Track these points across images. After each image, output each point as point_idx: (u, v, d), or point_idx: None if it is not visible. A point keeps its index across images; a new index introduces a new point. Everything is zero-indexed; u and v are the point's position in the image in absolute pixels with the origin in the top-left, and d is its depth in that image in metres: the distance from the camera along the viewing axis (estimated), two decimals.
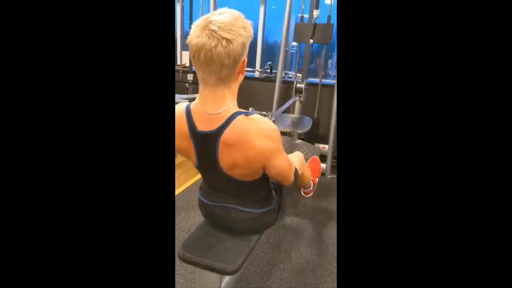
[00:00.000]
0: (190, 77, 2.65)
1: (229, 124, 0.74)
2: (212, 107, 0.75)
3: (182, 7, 2.84)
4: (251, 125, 0.74)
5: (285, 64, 2.44)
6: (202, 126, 0.77)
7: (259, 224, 1.01)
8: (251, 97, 2.71)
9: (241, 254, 0.94)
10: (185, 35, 2.86)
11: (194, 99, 0.84)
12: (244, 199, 0.94)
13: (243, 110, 0.78)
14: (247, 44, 0.72)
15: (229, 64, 0.69)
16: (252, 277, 1.31)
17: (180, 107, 0.82)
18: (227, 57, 0.67)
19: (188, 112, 0.79)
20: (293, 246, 1.52)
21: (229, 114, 0.74)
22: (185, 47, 2.85)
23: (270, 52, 2.92)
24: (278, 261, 1.41)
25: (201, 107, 0.76)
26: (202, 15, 2.62)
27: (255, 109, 1.34)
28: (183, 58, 2.84)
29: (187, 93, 2.61)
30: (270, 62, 2.77)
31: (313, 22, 2.16)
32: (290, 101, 2.15)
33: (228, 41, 0.66)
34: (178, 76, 2.70)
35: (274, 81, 2.43)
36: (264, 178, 0.93)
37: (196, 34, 0.67)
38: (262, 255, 1.44)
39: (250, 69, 2.93)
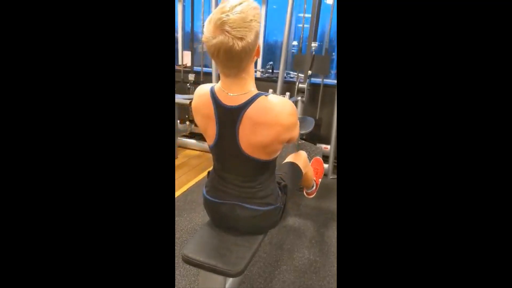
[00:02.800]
0: (191, 77, 2.65)
1: (253, 101, 0.81)
2: (236, 90, 0.82)
3: (184, 7, 2.84)
4: (274, 104, 0.82)
5: (286, 64, 2.43)
6: (227, 102, 0.83)
7: (263, 222, 1.01)
8: None
9: (245, 256, 0.94)
10: (186, 35, 2.85)
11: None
12: (249, 196, 0.94)
13: (263, 92, 0.85)
14: (259, 29, 0.77)
15: (246, 56, 0.76)
16: (255, 278, 1.30)
17: (203, 88, 0.89)
18: (244, 52, 0.73)
19: (212, 92, 0.86)
20: (295, 247, 1.51)
21: (253, 94, 0.82)
22: (186, 46, 2.84)
23: (271, 52, 2.91)
24: (281, 262, 1.40)
25: (224, 90, 0.83)
26: (203, 16, 2.59)
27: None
28: (184, 58, 2.83)
29: (188, 93, 2.59)
30: (271, 62, 2.76)
31: (311, 52, 2.23)
32: (292, 101, 2.14)
33: (242, 39, 0.71)
34: (179, 76, 2.69)
35: (276, 81, 2.42)
36: (273, 167, 0.97)
37: (212, 35, 0.72)
38: (264, 256, 1.43)
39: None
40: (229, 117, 0.84)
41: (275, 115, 0.81)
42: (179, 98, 2.22)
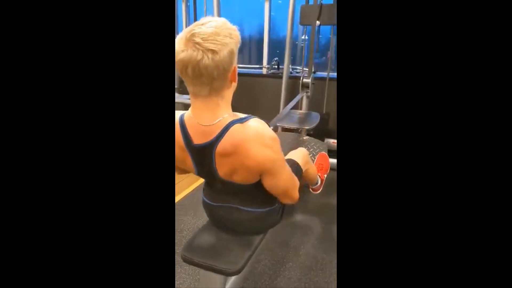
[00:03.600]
0: None
1: (224, 134, 0.73)
2: (206, 119, 0.74)
3: (187, 7, 2.85)
4: (248, 132, 0.73)
5: (292, 58, 2.40)
6: (197, 138, 0.76)
7: (261, 223, 1.00)
8: (258, 95, 2.70)
9: (243, 255, 0.94)
10: None
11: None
12: (246, 199, 0.94)
13: (239, 116, 0.77)
14: (236, 51, 0.70)
15: (219, 75, 0.67)
16: (260, 275, 1.30)
17: (175, 118, 0.80)
18: (216, 68, 0.65)
19: (182, 124, 0.77)
20: (301, 244, 1.50)
21: (225, 124, 0.73)
22: None
23: (277, 47, 2.89)
24: (287, 259, 1.40)
25: (195, 119, 0.75)
26: (205, 15, 2.61)
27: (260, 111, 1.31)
28: None
29: None
30: (277, 58, 2.74)
31: (318, 2, 2.11)
32: (297, 97, 2.12)
33: (214, 52, 0.64)
34: None
35: (282, 77, 2.40)
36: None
37: (180, 48, 0.65)
38: (270, 253, 1.43)
39: (257, 66, 2.92)
40: (202, 156, 0.78)
41: (247, 147, 0.73)
42: (185, 99, 2.24)
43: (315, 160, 1.70)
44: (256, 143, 0.73)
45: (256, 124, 0.75)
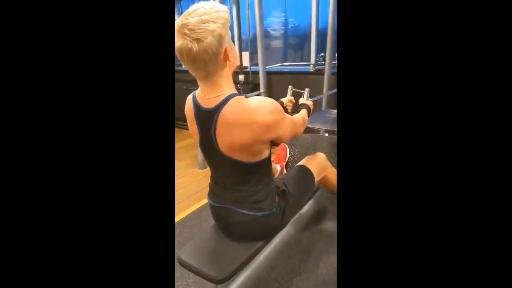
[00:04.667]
0: (241, 77, 2.71)
1: (226, 103, 0.80)
2: (211, 93, 0.83)
3: (238, 8, 2.90)
4: (250, 103, 0.80)
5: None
6: (204, 104, 0.85)
7: (257, 228, 0.98)
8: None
9: (235, 262, 0.93)
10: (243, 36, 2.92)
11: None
12: (241, 200, 0.93)
13: (242, 94, 0.85)
14: (224, 32, 0.75)
15: (210, 59, 0.75)
16: (272, 283, 1.27)
17: (190, 95, 0.93)
18: (205, 54, 0.73)
19: (194, 97, 0.89)
20: (324, 254, 1.41)
21: (226, 95, 0.81)
22: (244, 47, 2.92)
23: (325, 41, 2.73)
24: (304, 269, 1.33)
25: (202, 93, 0.85)
26: (248, 15, 2.60)
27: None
28: (242, 59, 2.90)
29: (240, 93, 2.66)
30: (323, 54, 2.59)
31: None
32: (334, 90, 1.99)
33: (199, 40, 0.71)
34: None
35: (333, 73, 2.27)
36: (265, 167, 0.93)
37: (176, 38, 0.74)
38: (287, 260, 1.38)
39: (304, 63, 2.82)
40: (206, 119, 0.85)
41: (250, 114, 0.79)
42: None
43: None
44: (262, 111, 0.80)
45: (256, 97, 0.83)
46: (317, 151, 1.35)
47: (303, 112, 1.17)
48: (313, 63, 2.69)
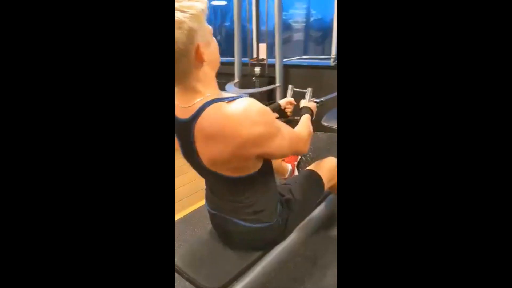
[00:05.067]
0: (257, 70, 2.61)
1: (201, 112, 0.67)
2: (185, 100, 0.70)
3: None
4: (231, 111, 0.65)
5: None
6: (180, 115, 0.73)
7: (256, 240, 0.90)
8: (325, 89, 2.48)
9: (230, 272, 0.86)
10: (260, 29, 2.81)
11: (257, 94, 0.86)
12: (238, 209, 0.85)
13: (226, 96, 0.69)
14: (196, 25, 0.62)
15: (177, 57, 0.62)
16: None
17: None
18: None
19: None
20: (331, 264, 1.32)
21: (202, 103, 0.67)
22: (261, 39, 2.81)
23: None
24: (308, 278, 1.25)
25: (177, 102, 0.72)
26: (266, 6, 2.50)
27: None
28: (259, 51, 2.78)
29: (254, 87, 2.58)
30: None
31: None
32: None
33: None
34: (246, 70, 2.70)
35: None
36: (261, 179, 0.81)
37: None
38: (292, 269, 1.30)
39: (324, 56, 2.68)
40: (183, 131, 0.73)
41: (231, 125, 0.65)
42: (237, 93, 2.21)
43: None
44: (244, 121, 0.65)
45: (242, 102, 0.66)
46: (332, 153, 1.25)
47: (305, 121, 0.98)
48: (333, 56, 2.55)
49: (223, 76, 3.04)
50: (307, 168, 1.12)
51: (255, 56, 2.76)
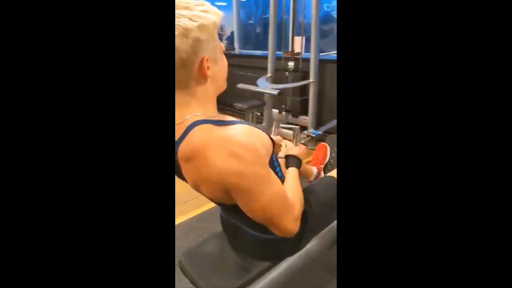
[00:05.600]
0: (291, 64, 2.52)
1: (186, 134, 0.60)
2: (178, 117, 0.62)
3: None
4: (213, 136, 0.58)
5: None
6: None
7: (265, 250, 0.86)
8: None
9: (236, 280, 0.84)
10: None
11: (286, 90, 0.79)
12: (247, 217, 0.80)
13: (222, 119, 0.64)
14: (204, 36, 0.57)
15: (177, 66, 0.57)
16: None
17: None
18: None
19: None
20: None
21: (188, 124, 0.61)
22: (297, 32, 2.70)
23: None
24: None
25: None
26: None
27: None
28: (295, 44, 2.69)
29: (287, 81, 2.50)
30: None
31: None
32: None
33: None
34: (280, 64, 2.62)
35: None
36: None
37: None
38: (308, 277, 1.24)
39: None
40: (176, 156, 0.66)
41: (204, 151, 0.57)
42: (267, 88, 2.16)
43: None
44: (219, 149, 0.56)
45: (234, 128, 0.59)
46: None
47: (292, 181, 0.77)
48: None
49: (257, 70, 3.02)
50: (329, 174, 1.04)
51: (290, 50, 2.67)
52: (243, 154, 0.57)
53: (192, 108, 0.63)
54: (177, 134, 0.63)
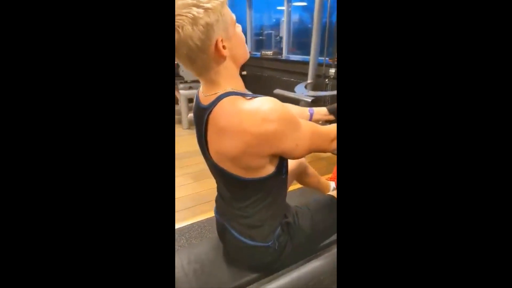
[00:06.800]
0: (332, 71, 2.44)
1: (217, 102, 0.66)
2: (206, 91, 0.70)
3: None
4: (244, 106, 0.64)
5: None
6: (202, 101, 0.74)
7: (248, 258, 0.86)
8: None
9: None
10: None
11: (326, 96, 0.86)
12: (236, 217, 0.82)
13: (246, 92, 0.70)
14: (214, 19, 0.60)
15: (195, 53, 0.62)
16: None
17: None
18: (185, 47, 0.60)
19: (197, 94, 0.79)
20: None
21: (221, 93, 0.67)
22: None
23: None
24: None
25: (201, 89, 0.74)
26: None
27: None
28: None
29: (326, 89, 2.43)
30: None
31: None
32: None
33: (177, 31, 0.58)
34: (321, 71, 2.56)
35: None
36: (268, 189, 0.77)
37: None
38: (317, 283, 1.20)
39: None
40: (199, 118, 0.73)
41: (240, 120, 0.63)
42: (302, 95, 2.13)
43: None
44: (253, 116, 0.62)
45: (259, 99, 0.64)
46: None
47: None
48: None
49: (302, 76, 2.96)
50: (330, 193, 1.00)
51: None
52: (274, 117, 0.63)
53: (220, 85, 0.68)
54: (205, 101, 0.70)
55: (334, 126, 0.79)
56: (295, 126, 0.68)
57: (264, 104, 0.63)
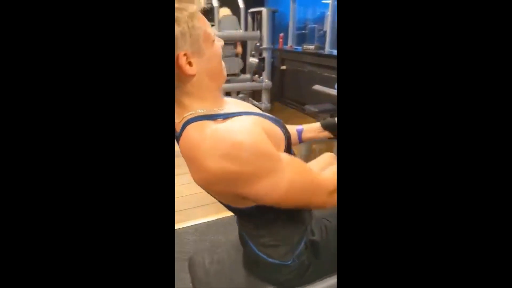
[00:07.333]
0: None
1: (183, 129, 0.57)
2: (177, 115, 0.60)
3: None
4: (206, 134, 0.53)
5: None
6: (176, 129, 0.65)
7: (264, 273, 0.76)
8: None
9: None
10: None
11: None
12: (252, 230, 0.73)
13: (219, 113, 0.59)
14: (178, 34, 0.51)
15: None
16: None
17: None
18: None
19: None
20: None
21: (187, 119, 0.57)
22: None
23: None
24: None
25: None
26: None
27: None
28: None
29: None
30: None
31: None
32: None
33: None
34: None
35: None
36: (274, 210, 0.63)
37: None
38: None
39: None
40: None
41: (199, 153, 0.53)
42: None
43: None
44: (211, 151, 0.51)
45: (230, 125, 0.54)
46: None
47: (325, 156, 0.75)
48: None
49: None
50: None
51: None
52: (237, 153, 0.50)
53: (191, 106, 0.59)
54: (178, 128, 0.60)
55: (333, 174, 0.62)
56: (272, 168, 0.53)
57: (231, 134, 0.51)
